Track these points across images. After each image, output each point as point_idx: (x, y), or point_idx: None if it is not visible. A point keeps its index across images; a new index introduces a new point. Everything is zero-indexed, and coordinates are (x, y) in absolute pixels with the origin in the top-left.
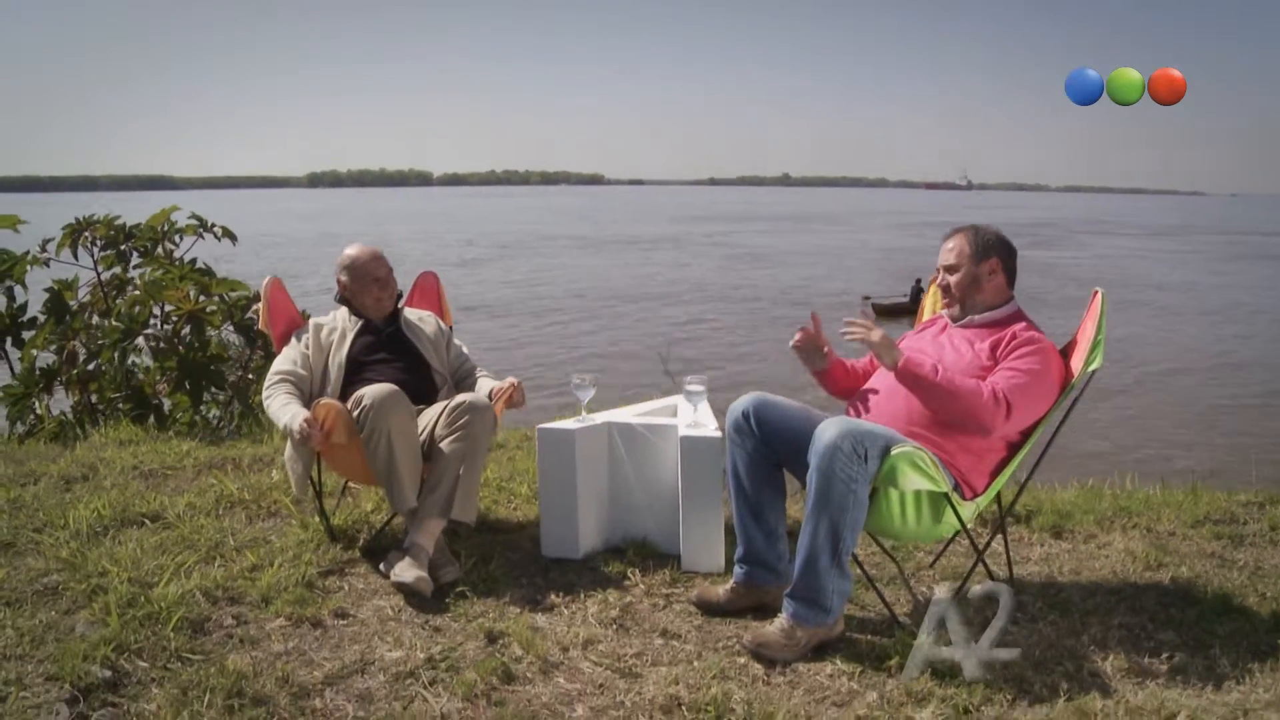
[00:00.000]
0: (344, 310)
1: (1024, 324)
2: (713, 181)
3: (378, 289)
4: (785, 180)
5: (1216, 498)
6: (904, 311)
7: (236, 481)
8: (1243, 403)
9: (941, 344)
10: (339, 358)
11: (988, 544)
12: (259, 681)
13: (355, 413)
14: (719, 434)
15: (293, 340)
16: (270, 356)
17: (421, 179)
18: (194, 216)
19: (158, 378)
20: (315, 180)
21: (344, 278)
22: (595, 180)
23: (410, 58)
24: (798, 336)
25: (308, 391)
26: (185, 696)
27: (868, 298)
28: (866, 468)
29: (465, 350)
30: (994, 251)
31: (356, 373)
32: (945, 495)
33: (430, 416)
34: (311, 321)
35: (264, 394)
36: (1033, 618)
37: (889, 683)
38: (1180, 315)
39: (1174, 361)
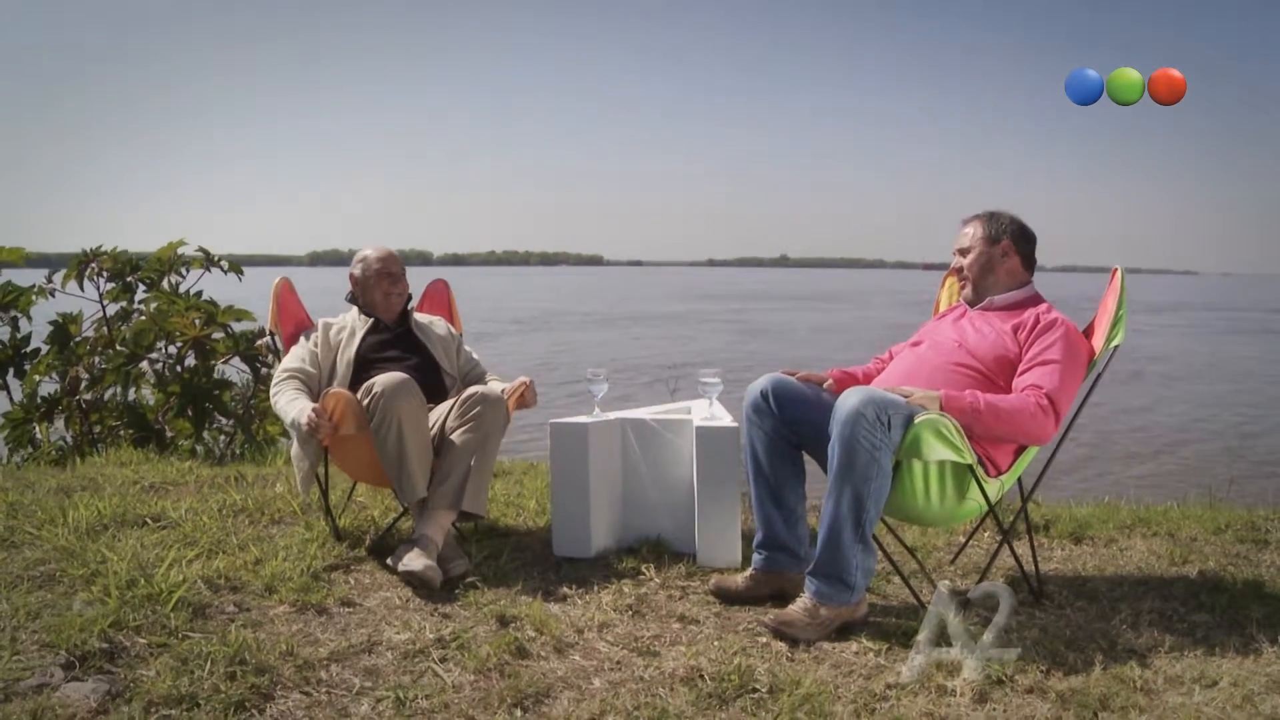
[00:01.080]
0: (354, 310)
1: (1045, 306)
2: (711, 262)
3: (388, 283)
4: (784, 261)
5: (1236, 513)
6: None
7: (240, 494)
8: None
9: (962, 327)
10: (348, 355)
11: (1012, 523)
12: (262, 654)
13: (366, 401)
14: (735, 425)
15: (301, 339)
16: (264, 376)
17: (422, 259)
18: (200, 249)
19: (162, 403)
20: (316, 259)
21: (355, 272)
22: (595, 261)
23: (411, 138)
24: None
25: (316, 389)
26: (185, 665)
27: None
28: (890, 436)
29: (475, 356)
30: (1007, 234)
31: (365, 370)
32: (970, 468)
33: (440, 411)
34: (320, 321)
35: (271, 390)
36: (1060, 605)
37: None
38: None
39: (1185, 432)
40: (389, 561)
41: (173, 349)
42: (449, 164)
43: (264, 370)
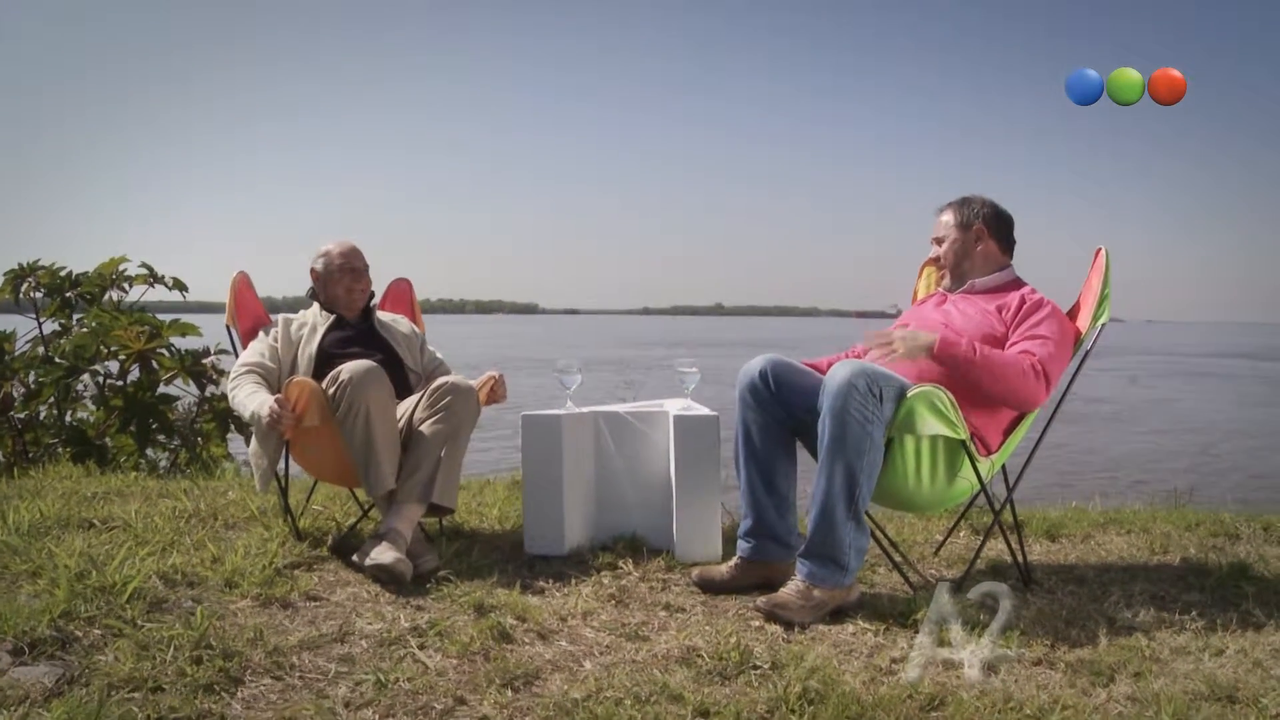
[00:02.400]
0: (315, 307)
1: (1029, 288)
2: (646, 311)
3: (351, 279)
4: (719, 310)
5: (1203, 514)
6: None
7: (191, 501)
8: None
9: (947, 310)
10: (309, 350)
11: (1003, 506)
12: (228, 640)
13: (332, 390)
14: (714, 414)
15: (260, 334)
16: (211, 396)
17: None
18: (144, 265)
19: (103, 419)
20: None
21: (317, 266)
22: (530, 309)
23: (346, 182)
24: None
25: (275, 385)
26: (146, 651)
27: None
28: (882, 409)
29: (439, 355)
30: (980, 218)
31: (327, 366)
32: (963, 444)
33: (407, 405)
34: (280, 316)
35: (229, 385)
36: (1050, 590)
37: (910, 634)
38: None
39: (1142, 469)
40: (355, 558)
41: (114, 364)
42: (382, 211)
43: (210, 389)
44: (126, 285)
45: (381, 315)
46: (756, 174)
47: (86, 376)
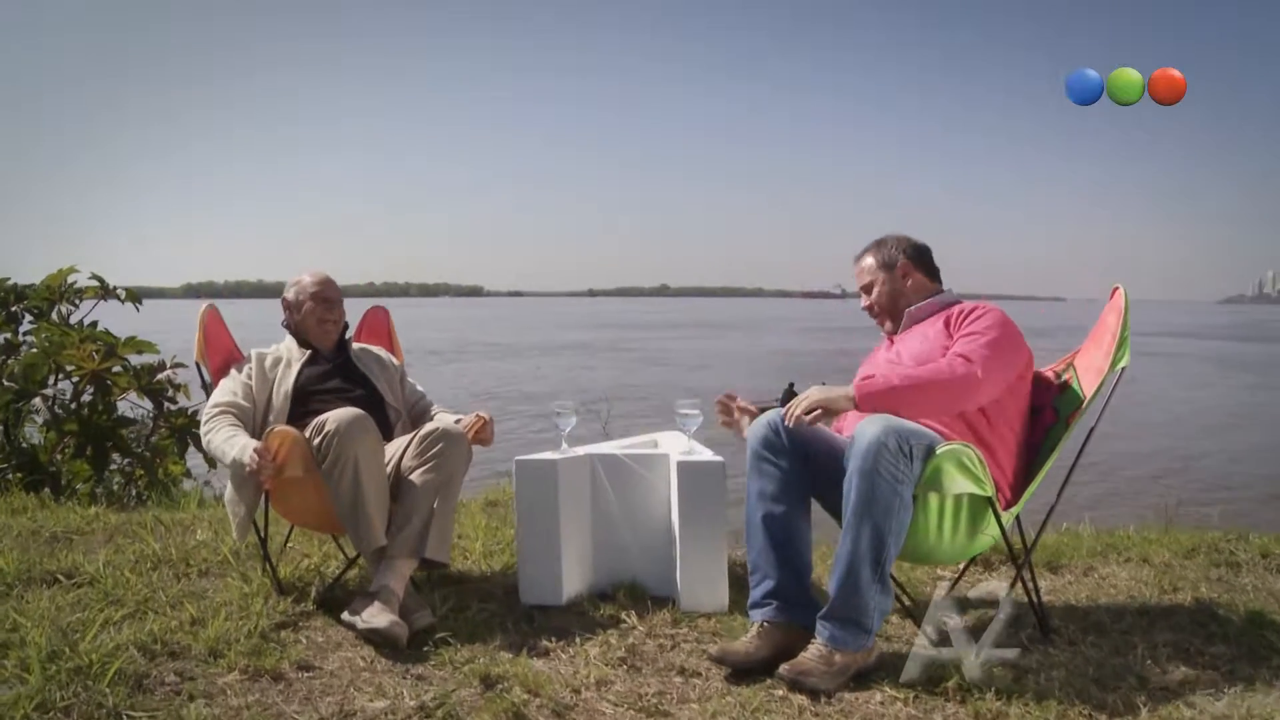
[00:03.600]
0: (289, 340)
1: (967, 303)
2: (591, 292)
3: (324, 309)
4: (664, 290)
5: (1195, 535)
6: None
7: (158, 542)
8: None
9: (897, 349)
10: (285, 387)
11: (1026, 556)
12: None
13: (316, 440)
14: (719, 459)
15: (232, 372)
16: (168, 412)
17: None
18: (95, 276)
19: (54, 443)
20: (191, 291)
21: (289, 296)
22: (475, 292)
23: (284, 168)
24: (720, 418)
25: (250, 425)
26: None
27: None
28: (913, 468)
29: (420, 388)
30: (903, 255)
31: (304, 404)
32: (989, 500)
33: (395, 449)
34: (254, 352)
35: (203, 428)
36: (1071, 641)
37: (949, 706)
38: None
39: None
40: (345, 617)
41: (67, 384)
42: (324, 194)
43: (167, 406)
44: (76, 300)
45: (357, 347)
46: (701, 156)
47: (38, 400)
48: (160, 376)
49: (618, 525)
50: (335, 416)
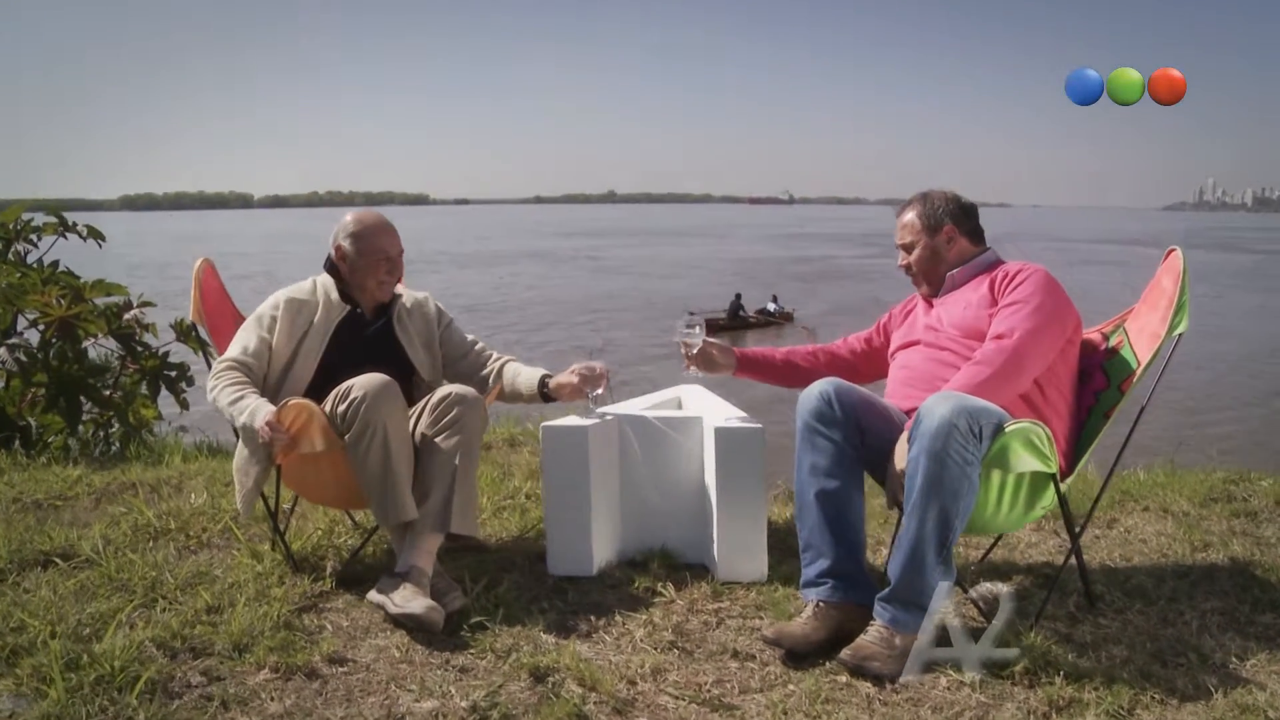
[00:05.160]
0: (329, 284)
1: (1011, 264)
2: (539, 199)
3: (385, 270)
4: (611, 197)
5: (1203, 478)
6: (721, 328)
7: (151, 509)
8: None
9: (937, 317)
10: (312, 346)
11: (1083, 527)
12: None
13: (342, 407)
14: (758, 426)
15: (250, 321)
16: (140, 354)
17: (243, 201)
18: (53, 213)
19: (19, 393)
20: (129, 203)
21: (346, 245)
22: (421, 200)
23: (225, 77)
24: (685, 364)
25: (260, 383)
26: None
27: (692, 313)
28: (982, 448)
29: (471, 337)
30: (948, 218)
31: (327, 367)
32: (1052, 477)
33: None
34: (283, 298)
35: (210, 386)
36: (1118, 609)
37: (1019, 692)
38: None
39: None
40: (374, 597)
41: (33, 331)
42: (266, 103)
43: (138, 348)
44: (34, 239)
45: (404, 302)
46: (646, 60)
47: (3, 350)
48: (128, 317)
49: (645, 489)
50: (361, 383)
